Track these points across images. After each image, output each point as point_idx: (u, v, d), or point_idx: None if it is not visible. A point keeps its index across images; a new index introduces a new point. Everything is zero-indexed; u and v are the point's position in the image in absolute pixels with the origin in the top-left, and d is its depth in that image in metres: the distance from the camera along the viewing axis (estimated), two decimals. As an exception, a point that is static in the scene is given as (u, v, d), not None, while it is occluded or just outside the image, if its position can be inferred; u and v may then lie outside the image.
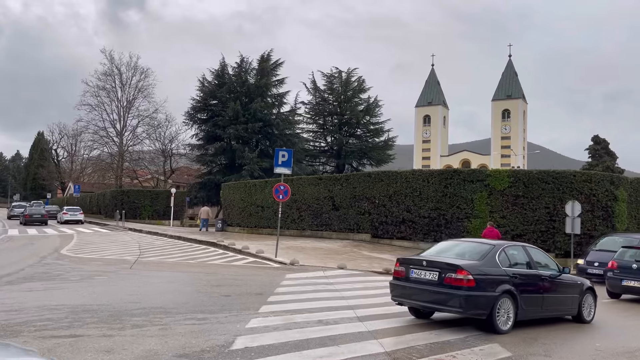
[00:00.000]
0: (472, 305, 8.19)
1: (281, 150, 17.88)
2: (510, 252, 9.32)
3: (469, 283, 8.13)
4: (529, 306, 8.94)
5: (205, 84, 48.47)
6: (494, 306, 8.29)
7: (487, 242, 10.12)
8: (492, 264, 8.71)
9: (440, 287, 8.35)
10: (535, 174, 21.92)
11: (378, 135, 52.25)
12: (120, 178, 60.00)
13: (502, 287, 8.51)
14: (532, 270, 9.37)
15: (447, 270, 8.39)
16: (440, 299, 8.37)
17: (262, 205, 30.14)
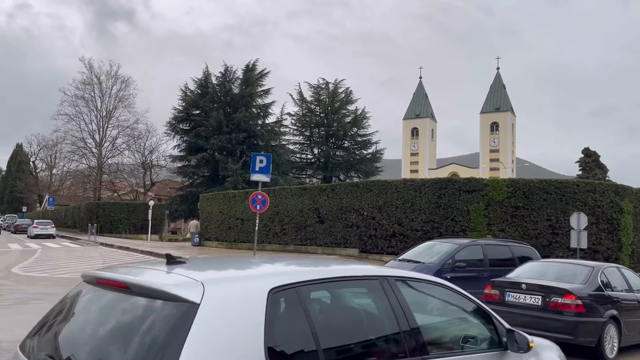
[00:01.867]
0: (583, 331, 7.84)
1: (259, 155, 16.02)
2: (609, 273, 9.02)
3: (578, 308, 7.83)
4: (630, 331, 8.63)
5: (188, 93, 47.04)
6: (602, 332, 7.96)
7: (583, 263, 9.86)
8: (596, 287, 8.41)
9: (544, 312, 8.06)
10: (536, 184, 20.28)
11: (366, 148, 51.16)
12: (99, 191, 57.66)
13: (609, 312, 8.19)
14: (631, 294, 9.07)
15: (552, 294, 8.10)
16: (545, 324, 7.91)
17: (242, 217, 28.15)
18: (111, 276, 2.65)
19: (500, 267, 10.85)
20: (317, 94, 50.51)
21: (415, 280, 3.36)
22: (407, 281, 3.30)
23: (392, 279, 3.13)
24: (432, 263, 10.66)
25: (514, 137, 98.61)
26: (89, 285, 2.82)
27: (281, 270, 3.13)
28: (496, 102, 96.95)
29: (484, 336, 3.46)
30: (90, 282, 2.81)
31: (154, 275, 2.69)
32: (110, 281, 2.63)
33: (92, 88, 56.76)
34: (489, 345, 3.42)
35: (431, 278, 3.56)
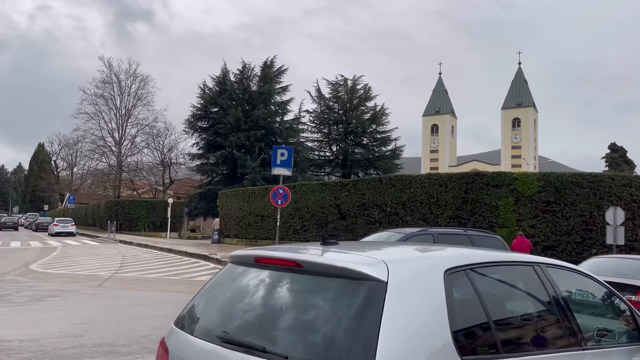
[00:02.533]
0: None
1: (280, 147, 15.47)
2: None
3: None
4: None
5: (206, 90, 46.95)
6: None
7: None
8: None
9: None
10: (569, 177, 19.39)
11: (385, 145, 50.35)
12: (118, 189, 57.86)
13: None
14: None
15: None
16: None
17: (261, 214, 27.69)
18: (278, 255, 2.59)
19: None
20: (335, 90, 49.91)
21: (561, 268, 3.29)
22: (555, 268, 3.23)
23: (543, 265, 3.08)
24: None
25: (536, 133, 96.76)
26: (240, 266, 2.84)
27: (450, 253, 2.99)
28: (518, 97, 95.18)
29: (623, 329, 3.36)
30: (243, 262, 2.81)
31: (328, 254, 2.55)
32: (275, 260, 2.57)
33: (111, 86, 56.94)
34: (629, 338, 3.29)
35: (573, 266, 3.44)
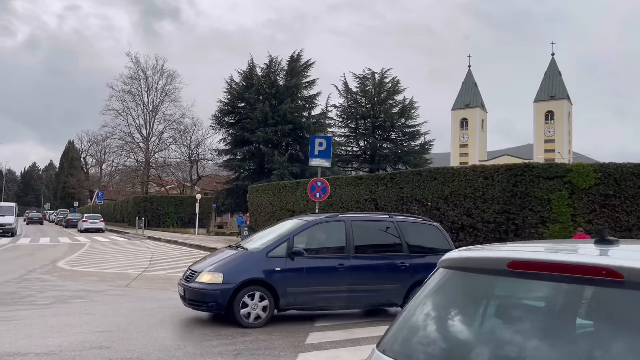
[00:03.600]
0: None
1: (317, 137, 14.37)
2: None
3: None
4: None
5: (233, 85, 46.43)
6: None
7: None
8: None
9: None
10: (630, 168, 17.79)
11: (414, 139, 48.95)
12: (146, 185, 57.70)
13: None
14: None
15: None
16: None
17: (292, 209, 26.64)
18: (562, 259, 1.81)
19: (377, 253, 8.73)
20: (362, 84, 48.77)
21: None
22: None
23: None
24: (256, 249, 8.14)
25: (570, 127, 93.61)
26: (473, 274, 2.07)
27: None
28: (551, 89, 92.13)
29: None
30: (481, 269, 2.04)
31: None
32: (558, 265, 1.77)
33: (138, 82, 56.79)
34: None
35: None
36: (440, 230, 9.56)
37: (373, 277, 8.41)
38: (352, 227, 8.46)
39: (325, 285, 8.10)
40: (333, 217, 9.06)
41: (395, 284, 8.43)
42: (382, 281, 8.42)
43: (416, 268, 8.51)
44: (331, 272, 8.19)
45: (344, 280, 8.17)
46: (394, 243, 8.86)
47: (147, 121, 57.60)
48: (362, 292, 8.30)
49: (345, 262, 8.26)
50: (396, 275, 8.45)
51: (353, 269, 8.24)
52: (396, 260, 8.59)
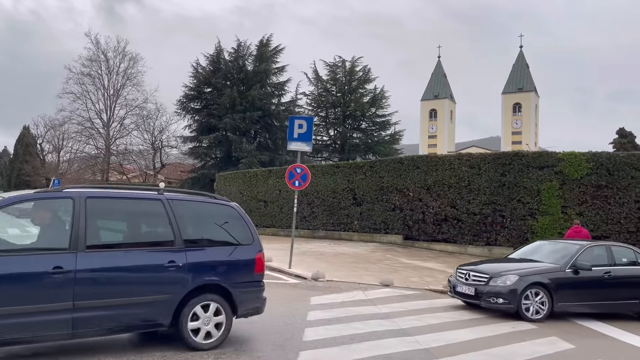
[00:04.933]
0: None
1: (297, 118, 12.84)
2: None
3: None
4: None
5: (199, 69, 44.56)
6: None
7: None
8: None
9: None
10: (622, 158, 16.95)
11: (384, 129, 48.35)
12: (107, 173, 54.92)
13: None
14: None
15: None
16: None
17: (265, 199, 25.08)
18: None
19: (129, 248, 5.90)
20: (333, 72, 47.74)
21: None
22: None
23: None
24: None
25: (537, 119, 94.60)
26: None
27: None
28: (519, 82, 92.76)
29: None
30: None
31: None
32: None
33: (98, 65, 53.70)
34: None
35: None
36: (240, 215, 6.78)
37: (119, 285, 5.62)
38: (85, 209, 5.58)
39: (25, 303, 5.13)
40: (52, 193, 6.08)
41: (159, 294, 5.78)
42: (136, 291, 5.70)
43: (195, 270, 5.97)
44: (38, 280, 5.23)
45: (64, 293, 5.26)
46: (159, 232, 6.18)
47: (108, 106, 54.77)
48: (98, 311, 5.43)
49: (67, 263, 5.34)
50: (161, 281, 5.82)
51: (81, 274, 5.34)
52: (161, 259, 5.85)
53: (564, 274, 9.15)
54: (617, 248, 10.20)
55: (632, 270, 9.90)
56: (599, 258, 9.69)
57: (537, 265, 9.54)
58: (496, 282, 8.97)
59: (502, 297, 8.79)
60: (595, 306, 9.36)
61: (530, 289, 8.79)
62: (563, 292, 9.01)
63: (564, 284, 9.06)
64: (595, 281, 9.36)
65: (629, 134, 61.23)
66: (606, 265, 9.57)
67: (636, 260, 10.05)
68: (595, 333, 8.06)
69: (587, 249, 9.71)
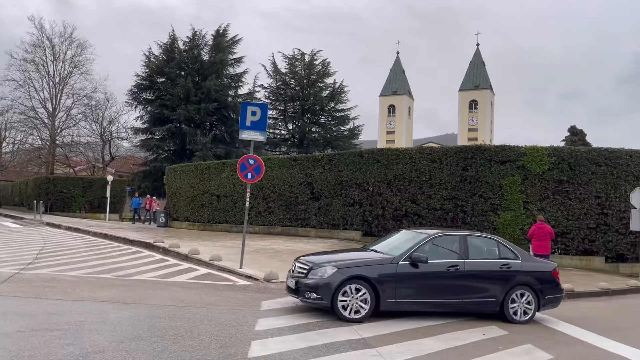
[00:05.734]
0: None
1: (250, 104, 11.77)
2: None
3: None
4: None
5: (152, 58, 42.86)
6: None
7: None
8: None
9: None
10: (584, 153, 16.73)
11: (343, 124, 48.14)
12: (52, 165, 52.01)
13: None
14: None
15: None
16: None
17: (217, 193, 23.83)
18: None
19: None
20: (292, 65, 47.00)
21: None
22: None
23: None
24: None
25: (492, 116, 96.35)
26: None
27: None
28: (475, 79, 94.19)
29: None
30: None
31: None
32: None
33: (43, 51, 50.70)
34: None
35: None
36: None
37: None
38: None
39: None
40: None
41: None
42: None
43: None
44: None
45: None
46: None
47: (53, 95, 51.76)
48: None
49: None
50: None
51: None
52: None
53: (396, 267, 7.92)
54: (474, 239, 8.92)
55: (487, 264, 8.48)
56: (449, 250, 8.50)
57: (367, 256, 8.44)
58: (315, 274, 7.84)
59: (316, 291, 7.68)
60: (438, 304, 8.14)
61: (349, 283, 7.64)
62: (394, 288, 7.80)
63: (395, 278, 7.85)
64: (437, 276, 8.11)
65: (579, 131, 62.84)
66: (456, 258, 8.33)
67: (498, 253, 8.72)
68: (572, 339, 7.42)
69: (432, 239, 8.54)
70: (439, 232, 8.86)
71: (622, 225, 16.35)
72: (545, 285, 8.56)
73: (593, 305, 10.73)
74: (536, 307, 8.44)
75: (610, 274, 15.38)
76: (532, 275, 8.54)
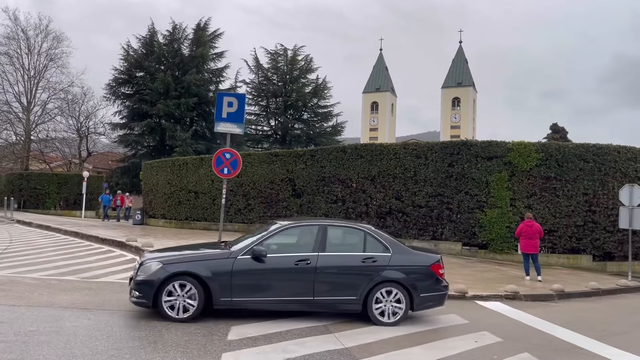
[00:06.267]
0: None
1: (227, 95, 11.07)
2: None
3: None
4: None
5: (131, 52, 41.77)
6: None
7: None
8: None
9: None
10: (572, 149, 16.36)
11: (326, 120, 47.76)
12: (27, 160, 50.48)
13: None
14: None
15: None
16: None
17: (195, 190, 23.03)
18: None
19: None
20: (274, 60, 46.39)
21: None
22: None
23: None
24: None
25: (475, 114, 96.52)
26: None
27: None
28: (458, 76, 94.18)
29: None
30: None
31: None
32: None
33: (17, 43, 49.17)
34: None
35: None
36: None
37: None
38: None
39: None
40: None
41: None
42: None
43: None
44: None
45: None
46: None
47: (28, 89, 50.27)
48: None
49: None
50: None
51: None
52: None
53: (233, 262, 7.16)
54: (336, 229, 7.98)
55: (346, 258, 7.52)
56: (304, 242, 7.67)
57: (205, 251, 7.70)
58: (143, 270, 7.15)
59: (139, 289, 7.01)
60: (285, 303, 7.25)
61: (173, 280, 6.92)
62: (229, 285, 7.03)
63: (231, 274, 7.07)
64: (283, 271, 7.26)
65: (561, 129, 63.12)
66: (309, 251, 7.40)
67: (363, 246, 7.70)
68: (570, 347, 6.90)
69: (284, 230, 7.74)
70: (293, 223, 8.01)
71: (610, 223, 16.04)
72: (420, 282, 7.48)
73: (585, 306, 10.29)
74: (408, 307, 7.42)
75: (597, 273, 15.04)
76: (403, 271, 7.45)
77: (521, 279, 12.52)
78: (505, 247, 16.15)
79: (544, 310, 9.41)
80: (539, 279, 12.52)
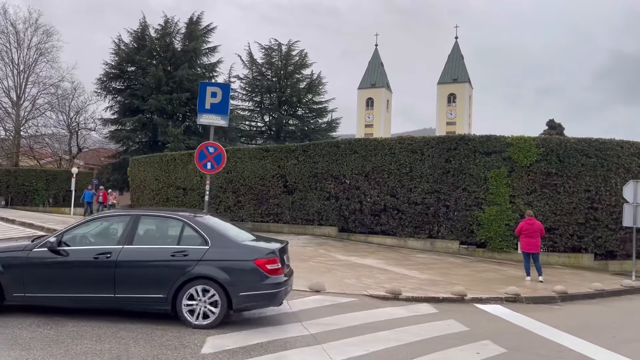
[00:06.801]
0: None
1: (210, 84, 10.40)
2: None
3: None
4: None
5: (122, 46, 40.98)
6: None
7: None
8: None
9: None
10: (574, 144, 15.74)
11: (321, 116, 47.15)
12: (16, 156, 49.64)
13: None
14: None
15: None
16: None
17: (184, 186, 22.33)
18: None
19: None
20: (268, 55, 45.70)
21: None
22: None
23: None
24: None
25: (470, 110, 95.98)
26: None
27: None
28: (454, 72, 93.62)
29: None
30: None
31: None
32: None
33: (6, 37, 48.24)
34: None
35: None
36: None
37: None
38: None
39: None
40: None
41: None
42: None
43: None
44: None
45: None
46: None
47: (18, 83, 49.37)
48: None
49: None
50: None
51: None
52: None
53: (27, 254, 6.73)
54: (150, 220, 7.31)
55: (152, 251, 6.79)
56: (113, 234, 7.18)
57: (10, 244, 7.26)
58: None
59: None
60: (83, 300, 6.69)
61: None
62: (22, 279, 6.63)
63: (24, 267, 6.67)
64: (82, 266, 6.71)
65: (558, 125, 62.64)
66: (114, 244, 6.83)
67: (178, 238, 6.99)
68: (581, 357, 6.29)
69: (96, 220, 7.37)
70: (107, 213, 8.07)
71: (612, 221, 15.47)
72: (239, 279, 6.56)
73: (590, 309, 9.70)
74: (225, 307, 6.53)
75: (599, 272, 14.49)
76: (219, 266, 6.59)
77: (522, 280, 11.95)
78: (504, 246, 15.56)
79: (548, 314, 8.82)
80: (540, 279, 11.95)
